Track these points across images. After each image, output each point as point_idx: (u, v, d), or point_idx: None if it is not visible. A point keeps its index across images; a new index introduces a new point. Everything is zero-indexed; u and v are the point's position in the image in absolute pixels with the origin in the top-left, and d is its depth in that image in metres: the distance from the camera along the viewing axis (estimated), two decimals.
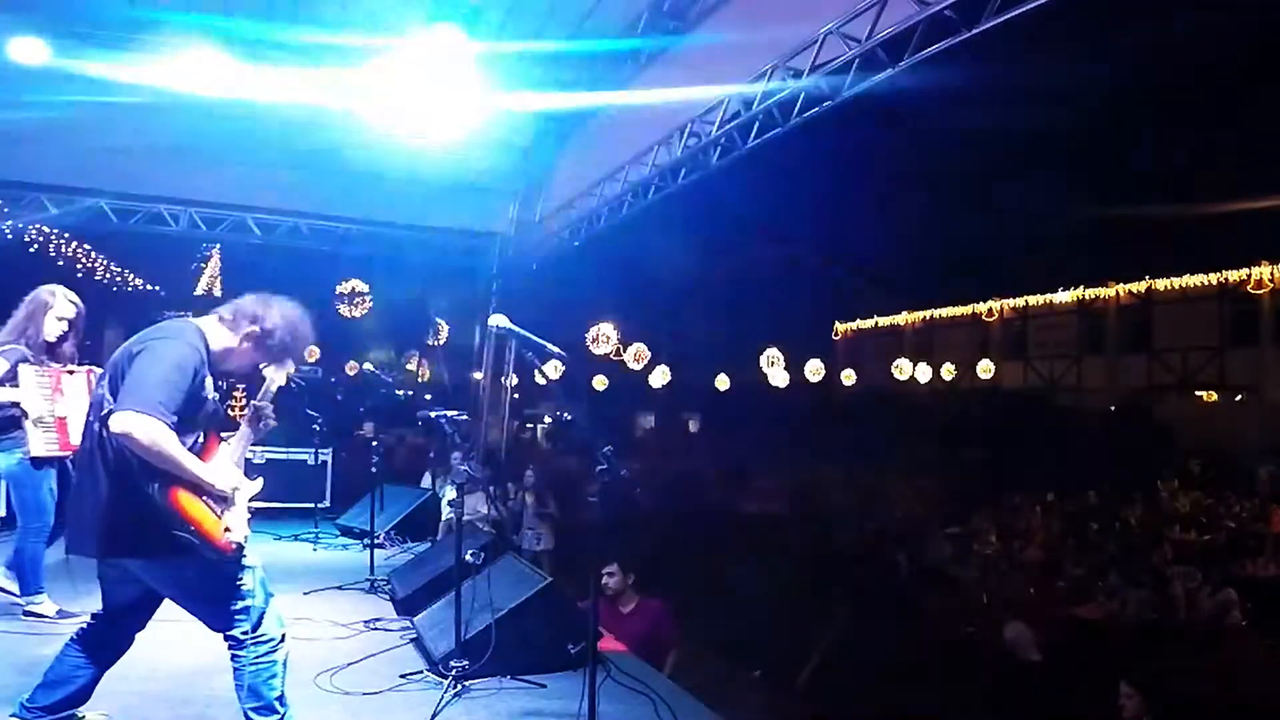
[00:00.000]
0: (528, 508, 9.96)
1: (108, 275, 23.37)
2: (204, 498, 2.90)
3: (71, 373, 4.66)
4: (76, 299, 4.78)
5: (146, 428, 2.70)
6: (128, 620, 3.14)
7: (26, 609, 4.60)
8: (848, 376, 26.14)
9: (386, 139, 10.26)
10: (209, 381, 3.02)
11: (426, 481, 9.63)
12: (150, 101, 9.00)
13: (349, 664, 4.27)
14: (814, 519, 13.08)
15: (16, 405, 4.45)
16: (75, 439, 4.59)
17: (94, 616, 3.15)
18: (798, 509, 13.89)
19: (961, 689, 5.68)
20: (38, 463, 4.54)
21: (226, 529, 2.91)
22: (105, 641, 3.12)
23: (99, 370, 4.77)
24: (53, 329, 4.66)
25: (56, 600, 4.70)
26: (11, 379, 4.48)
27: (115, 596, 3.10)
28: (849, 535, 11.65)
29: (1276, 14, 9.49)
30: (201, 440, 3.02)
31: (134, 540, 2.87)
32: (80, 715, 3.13)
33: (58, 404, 4.56)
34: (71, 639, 3.11)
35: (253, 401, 3.29)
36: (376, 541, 6.61)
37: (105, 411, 2.82)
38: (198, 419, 2.97)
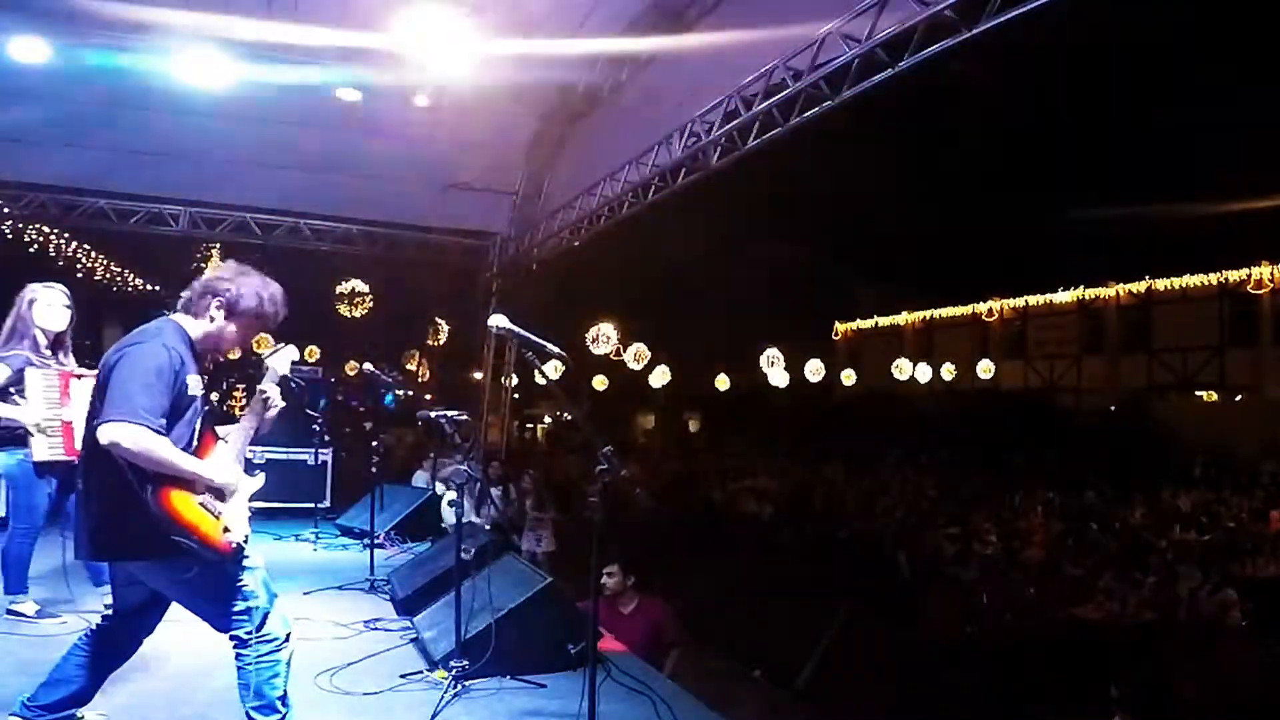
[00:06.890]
0: (527, 510, 9.94)
1: (108, 275, 23.37)
2: (200, 500, 2.87)
3: (80, 376, 4.48)
4: (63, 288, 4.62)
5: (134, 436, 2.70)
6: (136, 622, 3.14)
7: (9, 608, 4.53)
8: (848, 376, 26.13)
9: (386, 139, 10.28)
10: (193, 378, 2.98)
11: (418, 480, 9.60)
12: (150, 101, 9.01)
13: (349, 664, 4.26)
14: (814, 519, 13.08)
15: (17, 423, 4.33)
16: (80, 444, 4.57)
17: (104, 617, 3.14)
18: (798, 509, 13.88)
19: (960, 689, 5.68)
20: (40, 468, 4.43)
21: (226, 529, 2.88)
22: (112, 642, 3.11)
23: None
24: (49, 318, 4.50)
25: (57, 602, 4.69)
26: (17, 384, 4.35)
27: (124, 598, 3.10)
28: (849, 535, 11.64)
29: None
30: (196, 439, 2.99)
31: (133, 543, 2.86)
32: (79, 715, 3.13)
33: (64, 409, 4.42)
34: (79, 639, 3.11)
35: (258, 387, 3.25)
36: (376, 541, 6.61)
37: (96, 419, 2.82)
38: (187, 417, 2.95)
